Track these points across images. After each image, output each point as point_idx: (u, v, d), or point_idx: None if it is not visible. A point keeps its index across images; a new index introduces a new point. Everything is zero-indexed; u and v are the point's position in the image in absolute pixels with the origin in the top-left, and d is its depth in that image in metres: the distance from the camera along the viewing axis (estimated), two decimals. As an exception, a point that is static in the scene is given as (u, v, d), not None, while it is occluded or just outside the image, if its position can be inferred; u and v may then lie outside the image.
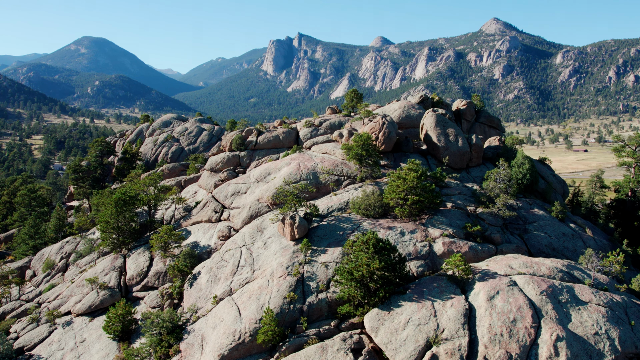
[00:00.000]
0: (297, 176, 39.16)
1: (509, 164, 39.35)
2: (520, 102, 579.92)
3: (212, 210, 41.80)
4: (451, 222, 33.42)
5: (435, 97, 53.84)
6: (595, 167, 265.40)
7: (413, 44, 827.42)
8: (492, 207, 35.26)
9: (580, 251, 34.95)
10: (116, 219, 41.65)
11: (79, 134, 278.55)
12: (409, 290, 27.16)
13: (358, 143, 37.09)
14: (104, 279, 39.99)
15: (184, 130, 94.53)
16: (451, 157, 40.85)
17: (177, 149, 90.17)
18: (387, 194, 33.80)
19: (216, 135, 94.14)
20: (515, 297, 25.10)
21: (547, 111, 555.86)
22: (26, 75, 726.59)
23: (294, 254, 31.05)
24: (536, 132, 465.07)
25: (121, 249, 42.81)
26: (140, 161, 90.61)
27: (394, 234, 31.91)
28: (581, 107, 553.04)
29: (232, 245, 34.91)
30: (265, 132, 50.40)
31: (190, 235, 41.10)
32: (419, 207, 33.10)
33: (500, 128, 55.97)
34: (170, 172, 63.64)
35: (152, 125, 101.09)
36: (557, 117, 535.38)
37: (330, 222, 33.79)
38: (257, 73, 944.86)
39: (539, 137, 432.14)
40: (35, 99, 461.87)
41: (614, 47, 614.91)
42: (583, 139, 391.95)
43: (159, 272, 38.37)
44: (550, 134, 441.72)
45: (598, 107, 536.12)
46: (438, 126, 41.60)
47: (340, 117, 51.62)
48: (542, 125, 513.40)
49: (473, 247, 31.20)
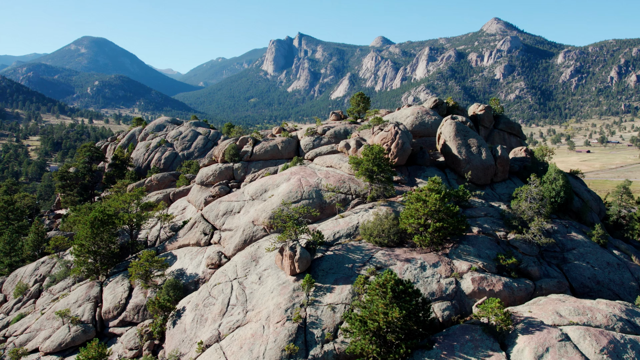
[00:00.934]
0: (297, 195, 34.06)
1: (540, 180, 34.30)
2: (521, 102, 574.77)
3: (200, 231, 36.72)
4: (480, 252, 28.35)
5: (450, 101, 48.76)
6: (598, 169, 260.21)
7: (414, 44, 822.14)
8: (526, 233, 30.19)
9: (629, 284, 29.97)
10: (92, 241, 36.59)
11: (77, 135, 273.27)
12: (436, 344, 22.12)
13: (368, 157, 32.01)
14: (77, 311, 34.93)
15: (178, 135, 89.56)
16: (474, 171, 35.76)
17: (170, 155, 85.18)
18: (403, 219, 28.74)
19: (212, 140, 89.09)
20: (570, 357, 20.08)
21: (549, 111, 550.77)
22: (25, 75, 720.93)
23: (294, 293, 25.99)
24: (538, 132, 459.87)
25: (98, 275, 37.74)
26: (132, 167, 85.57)
27: (413, 267, 26.84)
28: (583, 107, 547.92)
29: (222, 277, 29.82)
30: (262, 141, 45.24)
31: (176, 261, 36.04)
32: (442, 235, 28.05)
33: (522, 135, 50.91)
34: (159, 182, 58.61)
35: (145, 129, 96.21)
36: (558, 118, 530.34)
37: (337, 251, 28.72)
38: (257, 73, 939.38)
39: (540, 137, 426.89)
40: (34, 99, 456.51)
41: (616, 47, 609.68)
42: (585, 139, 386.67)
43: (138, 306, 33.31)
44: (552, 135, 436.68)
45: (600, 107, 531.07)
46: (458, 136, 36.52)
47: (346, 124, 46.51)
48: (543, 125, 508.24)
49: (508, 285, 26.14)
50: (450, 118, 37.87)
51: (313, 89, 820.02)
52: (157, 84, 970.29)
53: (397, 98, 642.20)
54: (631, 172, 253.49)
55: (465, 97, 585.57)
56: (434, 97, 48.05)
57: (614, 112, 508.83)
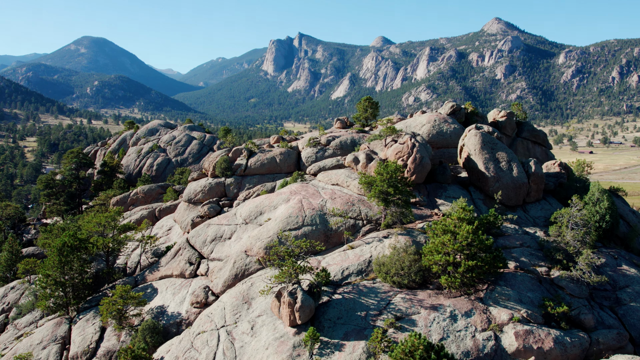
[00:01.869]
0: (298, 220, 28.94)
1: (582, 202, 29.19)
2: (522, 102, 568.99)
3: (185, 260, 31.61)
4: (521, 296, 23.27)
5: (469, 106, 43.63)
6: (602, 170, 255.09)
7: (414, 44, 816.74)
8: (574, 270, 25.08)
9: (697, 331, 24.87)
10: (61, 271, 31.51)
11: (74, 135, 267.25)
12: None
13: (383, 176, 26.90)
14: (41, 355, 29.85)
15: (172, 139, 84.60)
16: (504, 191, 30.63)
17: (163, 161, 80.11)
18: (427, 254, 23.66)
19: (207, 145, 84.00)
20: None
21: (550, 112, 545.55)
22: (25, 75, 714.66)
23: (294, 351, 20.92)
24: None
25: (67, 309, 32.67)
26: (122, 174, 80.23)
27: (442, 318, 21.77)
28: (584, 108, 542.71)
29: (208, 324, 24.70)
30: (258, 153, 40.07)
31: (156, 295, 30.94)
32: (476, 275, 22.98)
33: (547, 144, 45.82)
34: (146, 195, 53.44)
35: (137, 133, 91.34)
36: (560, 118, 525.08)
37: (346, 294, 23.64)
38: (258, 73, 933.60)
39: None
40: (33, 99, 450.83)
41: (617, 47, 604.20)
42: (588, 140, 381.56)
43: (110, 352, 28.22)
44: (554, 135, 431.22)
45: (601, 107, 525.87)
46: (485, 149, 31.42)
47: (353, 133, 41.36)
48: (545, 125, 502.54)
49: (559, 340, 21.06)
50: (475, 128, 32.78)
51: (313, 89, 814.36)
52: (157, 84, 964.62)
53: (398, 98, 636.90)
54: (635, 174, 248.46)
55: (466, 97, 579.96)
56: (451, 102, 42.81)
57: (616, 113, 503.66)
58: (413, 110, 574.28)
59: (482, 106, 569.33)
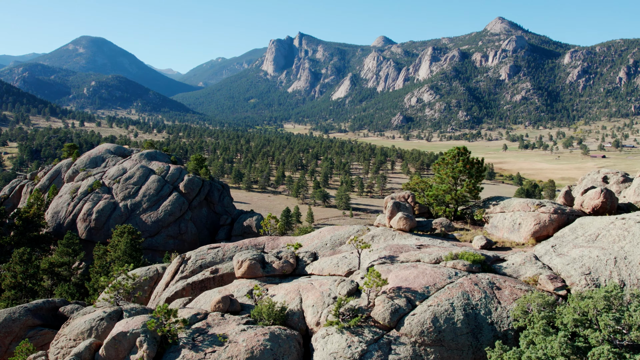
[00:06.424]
0: None
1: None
2: (527, 103, 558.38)
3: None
4: None
5: None
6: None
7: (416, 44, 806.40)
8: None
9: None
10: None
11: (58, 141, 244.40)
12: None
13: None
14: None
15: (121, 174, 64.10)
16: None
17: (106, 206, 59.23)
18: None
19: (170, 183, 62.77)
20: None
21: (556, 113, 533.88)
22: (21, 75, 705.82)
23: None
24: (547, 135, 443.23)
25: None
26: (45, 228, 58.28)
27: None
28: (591, 109, 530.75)
29: None
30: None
31: None
32: None
33: None
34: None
35: (75, 163, 70.33)
36: (566, 119, 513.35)
37: None
38: (257, 73, 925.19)
39: (550, 140, 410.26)
40: (25, 100, 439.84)
41: (624, 47, 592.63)
42: (599, 143, 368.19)
43: None
44: (561, 137, 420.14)
45: (609, 108, 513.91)
46: None
47: (440, 250, 17.75)
48: (551, 127, 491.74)
49: None
50: None
51: (314, 89, 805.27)
52: (156, 84, 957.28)
53: (400, 99, 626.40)
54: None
55: (470, 98, 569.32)
56: (600, 166, 31.88)
57: (624, 114, 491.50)
58: (416, 111, 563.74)
59: (487, 107, 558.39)
